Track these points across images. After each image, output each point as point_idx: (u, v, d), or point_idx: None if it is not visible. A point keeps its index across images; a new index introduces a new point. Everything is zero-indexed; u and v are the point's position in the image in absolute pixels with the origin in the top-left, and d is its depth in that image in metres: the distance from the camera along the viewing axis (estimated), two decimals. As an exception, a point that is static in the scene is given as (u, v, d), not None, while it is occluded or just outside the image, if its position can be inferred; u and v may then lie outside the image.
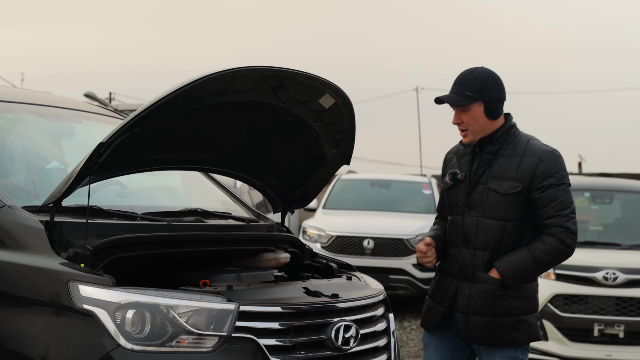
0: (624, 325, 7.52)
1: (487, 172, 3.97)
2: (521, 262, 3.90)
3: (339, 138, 4.18)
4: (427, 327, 4.13)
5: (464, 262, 3.99)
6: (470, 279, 3.97)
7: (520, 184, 3.90)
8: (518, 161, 3.93)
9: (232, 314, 3.32)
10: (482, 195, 3.96)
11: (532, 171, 3.91)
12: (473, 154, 4.03)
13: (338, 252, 11.20)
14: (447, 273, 4.07)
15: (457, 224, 4.03)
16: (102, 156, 3.46)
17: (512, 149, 3.97)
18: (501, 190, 3.92)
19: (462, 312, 3.97)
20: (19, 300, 3.39)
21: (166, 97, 3.40)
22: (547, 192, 3.89)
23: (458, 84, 3.98)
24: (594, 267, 7.68)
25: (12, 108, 4.45)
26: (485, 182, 3.97)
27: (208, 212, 4.29)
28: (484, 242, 3.95)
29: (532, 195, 3.90)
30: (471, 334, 3.96)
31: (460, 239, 4.01)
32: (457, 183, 4.04)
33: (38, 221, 3.50)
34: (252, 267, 4.08)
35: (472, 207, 3.98)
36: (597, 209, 9.22)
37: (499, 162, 3.96)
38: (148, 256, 3.70)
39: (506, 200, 3.91)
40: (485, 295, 3.92)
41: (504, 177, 3.94)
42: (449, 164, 4.16)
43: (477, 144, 4.01)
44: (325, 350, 3.55)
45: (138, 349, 3.20)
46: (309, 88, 3.87)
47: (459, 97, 3.95)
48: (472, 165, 4.01)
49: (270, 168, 4.39)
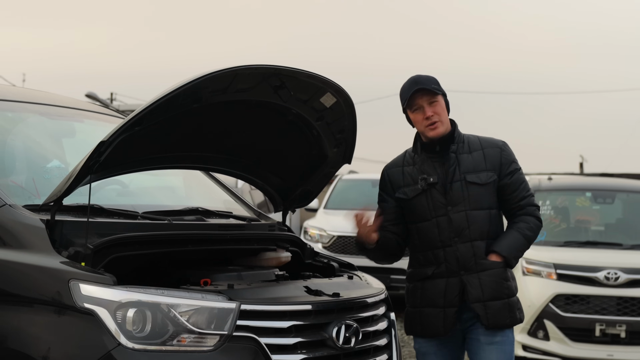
0: (625, 325, 7.52)
1: (458, 169, 4.09)
2: (516, 243, 4.12)
3: (340, 137, 4.18)
4: (438, 333, 4.10)
5: (462, 256, 4.04)
6: (475, 269, 4.04)
7: (493, 172, 4.11)
8: (481, 154, 4.14)
9: (233, 313, 3.31)
10: (462, 191, 4.08)
11: (498, 160, 4.14)
12: (431, 159, 4.11)
13: (339, 252, 11.19)
14: (440, 275, 4.08)
15: (443, 224, 4.07)
16: (103, 155, 3.46)
17: (467, 145, 4.16)
18: (481, 180, 4.09)
19: (480, 302, 4.02)
20: (20, 299, 3.39)
21: (167, 96, 3.40)
22: (514, 176, 4.16)
23: (421, 82, 4.07)
24: (595, 267, 7.69)
25: (13, 107, 4.45)
26: (461, 178, 4.08)
27: (209, 211, 4.28)
28: (479, 232, 4.07)
29: (502, 182, 4.13)
30: (492, 319, 4.03)
31: (451, 236, 4.06)
32: (430, 187, 4.10)
33: (39, 220, 3.49)
34: (253, 266, 4.07)
35: (455, 204, 4.07)
36: (599, 209, 9.22)
37: (463, 158, 4.12)
38: (149, 255, 3.70)
39: (486, 189, 4.10)
40: (496, 279, 4.05)
41: (476, 170, 4.10)
42: (400, 176, 4.18)
43: (437, 145, 4.10)
44: (326, 349, 3.55)
45: (139, 347, 3.20)
46: (310, 87, 3.87)
47: (430, 88, 4.06)
48: (435, 168, 4.10)
49: (271, 167, 4.39)
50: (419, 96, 4.06)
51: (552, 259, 7.89)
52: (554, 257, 7.93)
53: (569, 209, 8.94)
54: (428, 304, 4.11)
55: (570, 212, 8.93)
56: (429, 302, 4.10)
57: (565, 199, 9.03)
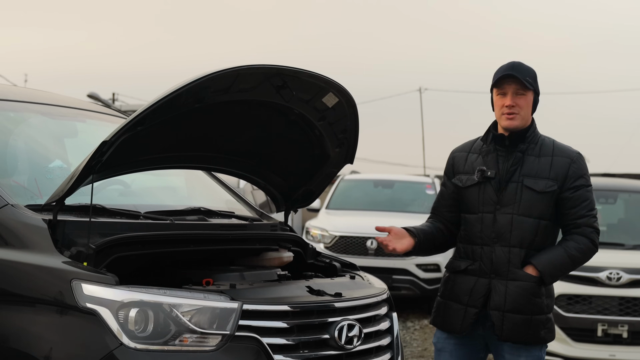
0: (627, 325, 7.52)
1: (519, 170, 3.98)
2: (558, 260, 3.94)
3: (342, 137, 4.17)
4: (455, 330, 4.04)
5: (497, 259, 3.95)
6: (506, 276, 3.93)
7: (555, 183, 3.95)
8: (550, 161, 3.98)
9: (235, 313, 3.31)
10: (515, 193, 3.95)
11: (565, 171, 3.97)
12: (496, 152, 4.03)
13: (341, 252, 11.19)
14: (471, 272, 4.01)
15: (487, 221, 3.98)
16: (105, 155, 3.46)
17: (540, 148, 4.01)
18: (537, 188, 3.94)
19: (499, 310, 3.92)
20: (22, 299, 3.39)
21: (169, 96, 3.39)
22: (578, 192, 3.98)
23: (517, 70, 3.97)
24: (597, 267, 7.66)
25: (15, 107, 4.45)
26: (519, 180, 3.96)
27: (211, 211, 4.28)
28: (520, 240, 3.94)
29: (563, 194, 3.96)
30: (507, 332, 3.92)
31: (491, 236, 3.97)
32: (485, 180, 4.01)
33: (41, 220, 3.49)
34: (256, 266, 4.07)
35: (504, 205, 3.96)
36: (601, 209, 9.19)
37: (529, 160, 3.99)
38: (151, 255, 3.69)
39: (542, 198, 3.94)
40: (523, 292, 3.91)
41: (537, 176, 3.96)
42: (463, 162, 4.12)
43: (507, 140, 4.00)
44: (328, 349, 3.55)
45: (141, 347, 3.20)
46: (312, 87, 3.86)
47: (523, 80, 3.95)
48: (498, 162, 4.01)
49: (274, 167, 4.38)
50: (509, 82, 3.96)
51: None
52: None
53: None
54: (454, 297, 4.06)
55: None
56: (455, 297, 4.05)
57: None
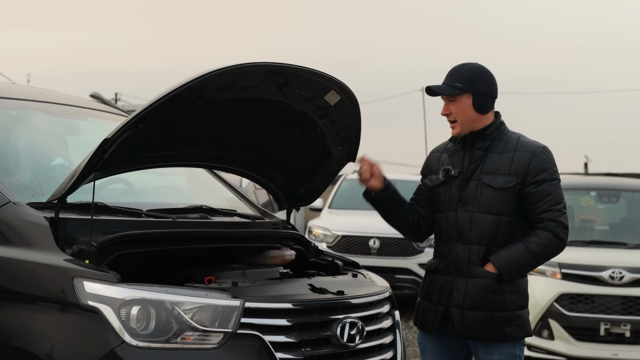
0: (630, 325, 7.51)
1: (480, 168, 3.99)
2: (517, 256, 3.92)
3: (344, 135, 4.17)
4: (427, 329, 4.08)
5: (458, 257, 3.97)
6: (466, 273, 3.95)
7: (514, 178, 3.93)
8: (511, 156, 3.97)
9: (237, 311, 3.31)
10: (475, 191, 3.97)
11: (525, 166, 3.94)
12: (464, 151, 4.04)
13: (344, 251, 11.18)
14: (439, 271, 4.04)
15: (450, 220, 4.01)
16: (107, 152, 3.45)
17: (503, 145, 4.01)
18: (496, 184, 3.94)
19: (458, 307, 3.95)
20: (24, 297, 3.39)
21: (171, 93, 3.39)
22: (540, 186, 3.93)
23: (449, 76, 4.04)
24: (600, 267, 7.68)
25: (17, 105, 4.45)
26: (479, 178, 3.98)
27: (213, 209, 4.27)
28: (479, 237, 3.95)
29: (525, 190, 3.93)
30: (467, 329, 3.94)
31: (454, 234, 4.00)
32: (450, 179, 4.04)
33: (43, 217, 3.49)
34: (258, 264, 4.07)
35: (465, 203, 3.98)
36: (603, 209, 9.21)
37: (491, 157, 3.99)
38: (153, 253, 3.70)
39: (500, 194, 3.93)
40: (481, 289, 3.91)
41: (497, 172, 3.96)
42: (436, 161, 4.15)
43: (469, 140, 4.02)
44: (330, 347, 3.55)
45: (143, 345, 3.19)
46: (314, 85, 3.86)
47: (448, 87, 4.00)
48: (463, 161, 4.03)
49: (276, 165, 4.38)
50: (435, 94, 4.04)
51: (557, 258, 7.80)
52: (559, 256, 7.85)
53: (574, 208, 8.92)
54: (426, 297, 4.09)
55: (574, 211, 8.91)
56: (427, 296, 4.09)
57: (569, 198, 9.00)
